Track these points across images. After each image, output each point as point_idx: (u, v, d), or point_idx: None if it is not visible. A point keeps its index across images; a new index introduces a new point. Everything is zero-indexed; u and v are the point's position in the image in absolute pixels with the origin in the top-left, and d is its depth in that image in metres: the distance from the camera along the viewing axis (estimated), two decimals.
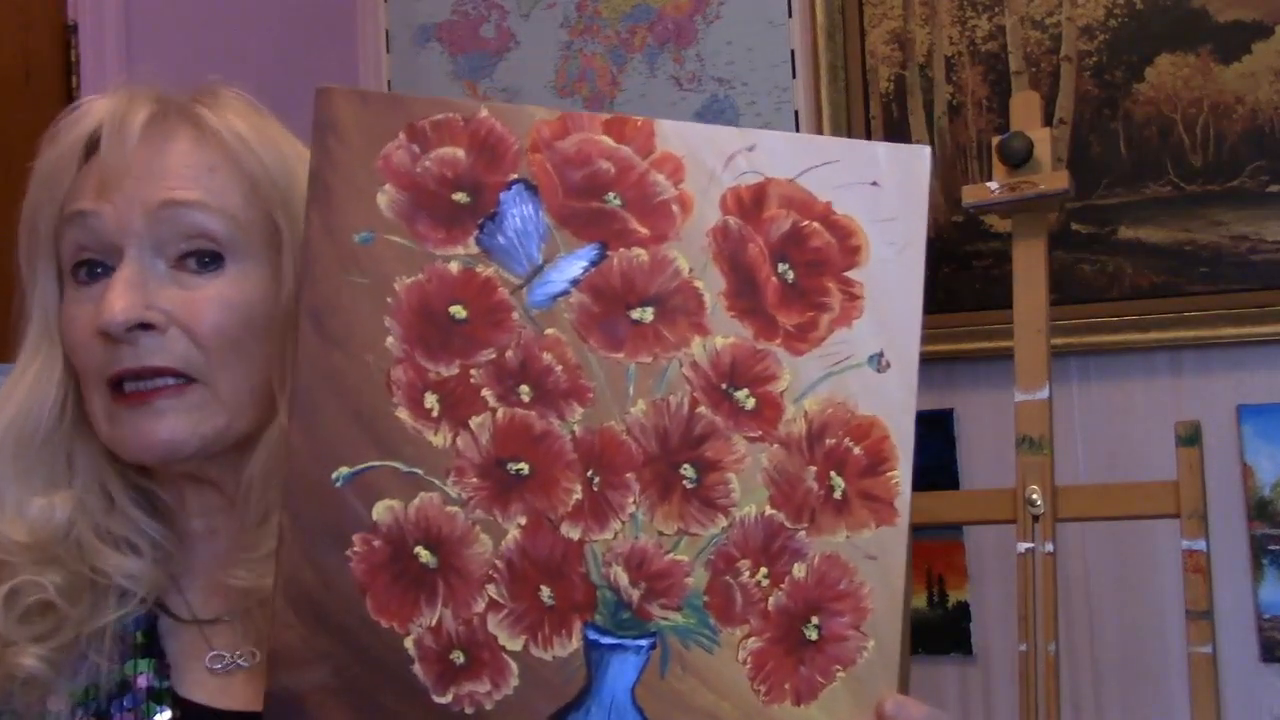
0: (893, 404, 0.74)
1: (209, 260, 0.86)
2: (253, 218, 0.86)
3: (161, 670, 0.87)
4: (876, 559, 0.74)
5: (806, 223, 0.74)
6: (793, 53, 2.21)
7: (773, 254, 0.74)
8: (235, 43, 2.16)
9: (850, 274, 0.74)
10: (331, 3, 2.46)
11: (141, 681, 0.86)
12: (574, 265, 0.74)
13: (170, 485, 0.91)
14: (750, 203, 0.74)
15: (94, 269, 0.86)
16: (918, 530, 1.84)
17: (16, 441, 0.88)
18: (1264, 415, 1.90)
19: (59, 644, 0.85)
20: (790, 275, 0.74)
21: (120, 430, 0.86)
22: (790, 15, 2.21)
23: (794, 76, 2.21)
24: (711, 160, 0.74)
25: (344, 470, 0.74)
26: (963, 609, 2.06)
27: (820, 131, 2.16)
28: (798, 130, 2.20)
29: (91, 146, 0.87)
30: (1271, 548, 1.89)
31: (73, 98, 1.90)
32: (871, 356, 0.74)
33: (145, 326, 0.83)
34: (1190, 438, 1.64)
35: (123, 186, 0.84)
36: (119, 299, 0.83)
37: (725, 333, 0.74)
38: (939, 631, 2.06)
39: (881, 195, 0.74)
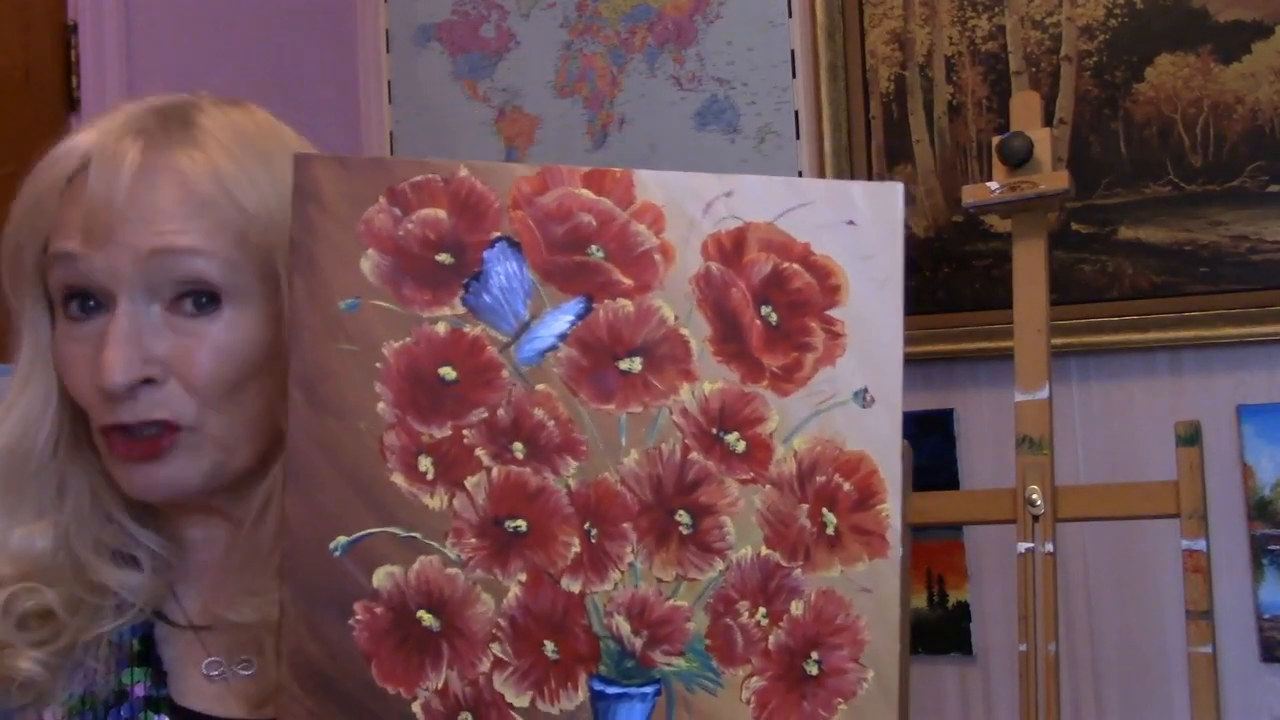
0: (879, 438, 0.75)
1: (206, 301, 0.84)
2: (248, 257, 0.84)
3: (158, 678, 0.86)
4: (871, 591, 0.75)
5: (786, 264, 0.75)
6: (793, 53, 2.21)
7: (755, 297, 0.75)
8: (235, 43, 2.16)
9: (832, 313, 0.75)
10: (331, 3, 2.46)
11: (138, 690, 0.86)
12: (560, 320, 0.75)
13: (163, 505, 0.90)
14: (731, 248, 0.75)
15: (85, 303, 0.84)
16: (918, 530, 1.84)
17: (7, 474, 0.86)
18: (1264, 415, 1.90)
19: (56, 649, 0.84)
20: (773, 317, 0.75)
21: (126, 474, 0.85)
22: (790, 15, 2.21)
23: (794, 76, 2.21)
24: (691, 207, 0.75)
25: (342, 539, 0.74)
26: (963, 609, 2.06)
27: (821, 132, 2.17)
28: (798, 131, 2.20)
29: (73, 177, 0.85)
30: (1271, 548, 1.90)
31: (73, 98, 1.90)
32: (856, 393, 0.75)
33: (145, 380, 0.82)
34: (1190, 438, 1.64)
35: (113, 231, 0.82)
36: (117, 359, 0.81)
37: (713, 378, 0.75)
38: (939, 631, 2.06)
39: (859, 234, 0.75)
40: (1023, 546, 1.68)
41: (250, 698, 0.86)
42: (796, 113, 2.21)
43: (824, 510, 0.75)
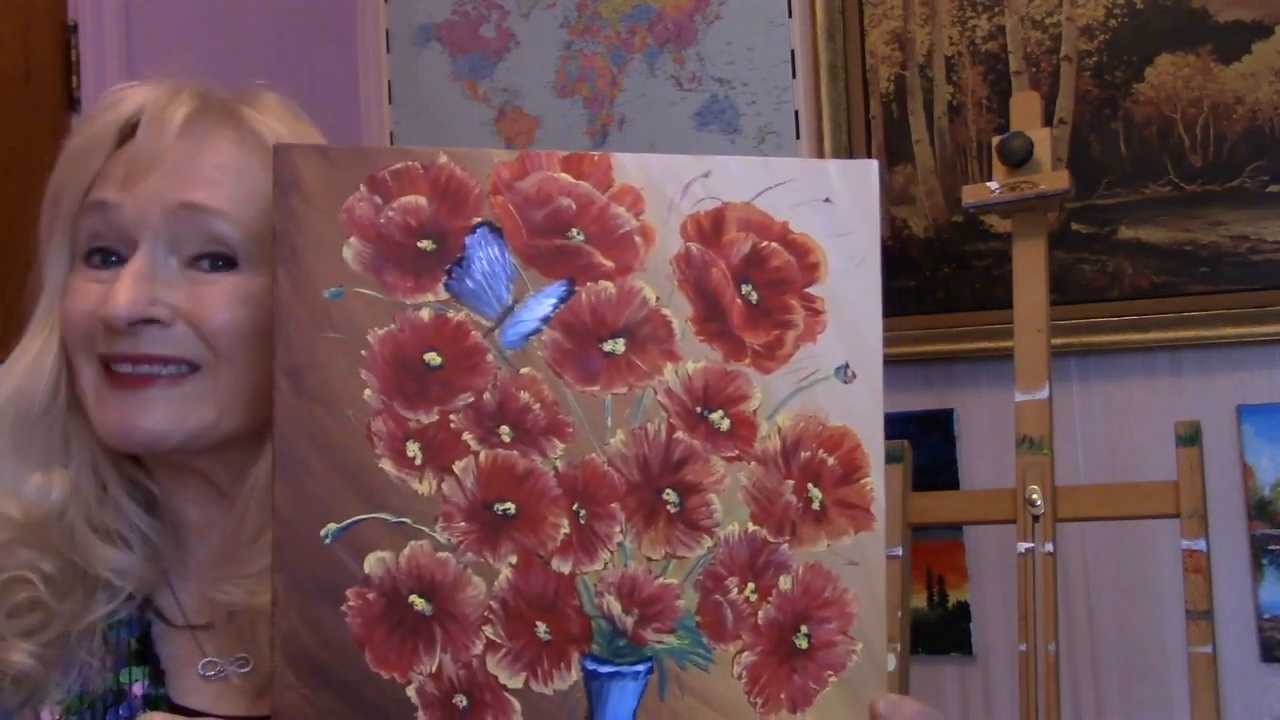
0: (861, 413, 0.77)
1: (222, 264, 0.86)
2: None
3: (156, 677, 0.86)
4: (858, 564, 0.76)
5: (765, 243, 0.77)
6: (793, 53, 2.21)
7: (735, 276, 0.76)
8: (235, 43, 2.16)
9: (811, 290, 0.77)
10: (331, 3, 2.46)
11: (137, 689, 0.86)
12: (543, 303, 0.76)
13: (159, 473, 0.90)
14: (710, 228, 0.76)
15: (108, 257, 0.86)
16: (918, 530, 1.84)
17: (15, 415, 0.87)
18: (1264, 415, 1.90)
19: (48, 639, 0.84)
20: (754, 296, 0.76)
21: (105, 411, 0.85)
22: (790, 15, 2.21)
23: (794, 76, 2.21)
24: (669, 189, 0.76)
25: (332, 527, 0.75)
26: (963, 609, 2.06)
27: (821, 132, 2.17)
28: (798, 130, 2.20)
29: (126, 133, 0.87)
30: (1271, 548, 1.90)
31: (73, 98, 1.90)
32: (838, 369, 0.77)
33: (149, 321, 0.83)
34: (1190, 438, 1.64)
35: (149, 179, 0.84)
36: (125, 291, 0.82)
37: (696, 357, 0.76)
38: (939, 631, 2.06)
39: (835, 211, 0.77)
40: (1023, 546, 1.68)
41: (248, 695, 0.86)
42: (796, 113, 2.21)
43: (809, 485, 0.76)
